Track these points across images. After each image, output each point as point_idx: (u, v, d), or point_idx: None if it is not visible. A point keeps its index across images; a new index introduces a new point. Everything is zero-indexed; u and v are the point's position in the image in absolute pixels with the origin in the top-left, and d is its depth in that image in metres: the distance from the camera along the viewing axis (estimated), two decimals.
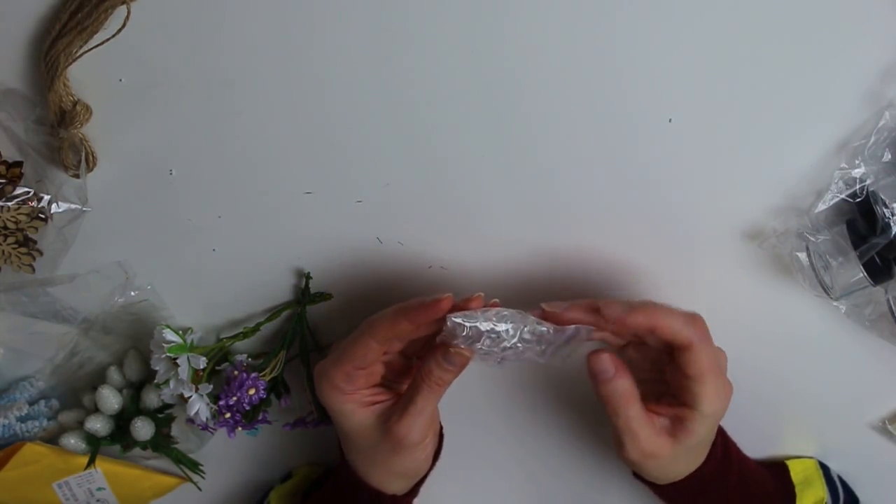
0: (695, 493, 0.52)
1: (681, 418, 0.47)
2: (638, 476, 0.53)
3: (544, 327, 0.44)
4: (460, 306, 0.45)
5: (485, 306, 0.45)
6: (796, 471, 0.58)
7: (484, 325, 0.44)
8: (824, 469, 0.58)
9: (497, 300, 0.46)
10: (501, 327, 0.44)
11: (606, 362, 0.45)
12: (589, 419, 0.61)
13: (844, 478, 0.59)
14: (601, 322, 0.45)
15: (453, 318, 0.44)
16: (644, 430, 0.46)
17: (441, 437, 0.54)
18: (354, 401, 0.49)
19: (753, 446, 0.56)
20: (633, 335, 0.49)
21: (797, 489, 0.56)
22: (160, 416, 0.59)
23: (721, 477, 0.52)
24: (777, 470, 0.58)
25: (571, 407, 0.60)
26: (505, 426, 0.62)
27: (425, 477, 0.54)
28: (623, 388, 0.45)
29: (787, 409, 0.58)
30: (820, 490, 0.57)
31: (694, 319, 0.45)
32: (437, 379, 0.46)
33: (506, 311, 0.44)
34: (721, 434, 0.53)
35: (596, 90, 0.46)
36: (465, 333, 0.44)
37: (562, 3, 0.44)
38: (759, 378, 0.56)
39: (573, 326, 0.45)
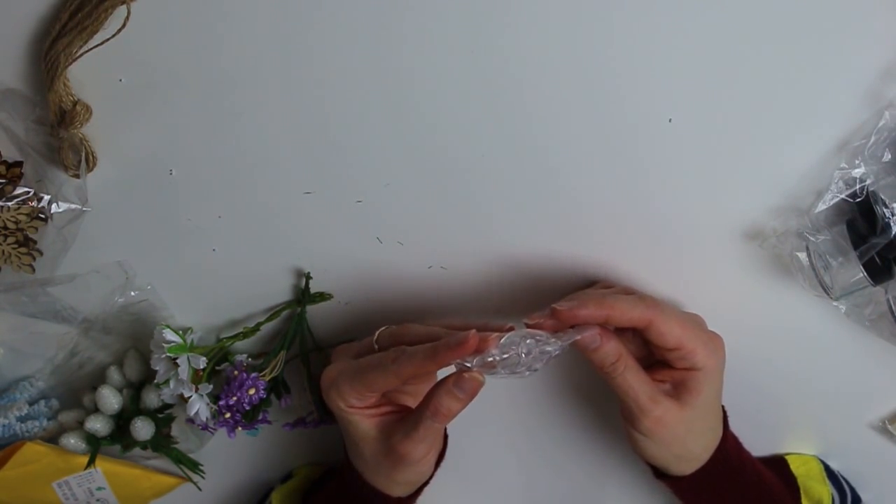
0: (714, 486, 0.52)
1: (681, 380, 0.48)
2: (659, 476, 0.53)
3: (549, 347, 0.45)
4: (481, 344, 0.44)
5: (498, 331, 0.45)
6: (796, 464, 0.58)
7: (498, 357, 0.44)
8: (825, 466, 0.58)
9: (512, 326, 0.46)
10: (513, 355, 0.44)
11: (591, 335, 0.46)
12: (590, 419, 0.61)
13: (846, 477, 0.59)
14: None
15: (467, 365, 0.44)
16: (644, 389, 0.47)
17: (445, 440, 0.54)
18: (361, 413, 0.49)
19: (754, 446, 0.56)
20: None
21: (799, 481, 0.56)
22: (160, 416, 0.59)
23: (737, 471, 0.53)
24: (777, 464, 0.58)
25: (573, 406, 0.60)
26: (506, 425, 0.62)
27: (429, 481, 0.54)
28: (612, 350, 0.46)
29: (787, 408, 0.58)
30: (823, 485, 0.57)
31: (642, 297, 0.47)
32: (445, 410, 0.46)
33: (514, 337, 0.44)
34: (732, 435, 0.53)
35: (596, 90, 0.46)
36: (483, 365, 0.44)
37: (562, 4, 0.44)
38: (758, 378, 0.56)
39: (577, 335, 0.45)
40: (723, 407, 0.53)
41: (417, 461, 0.49)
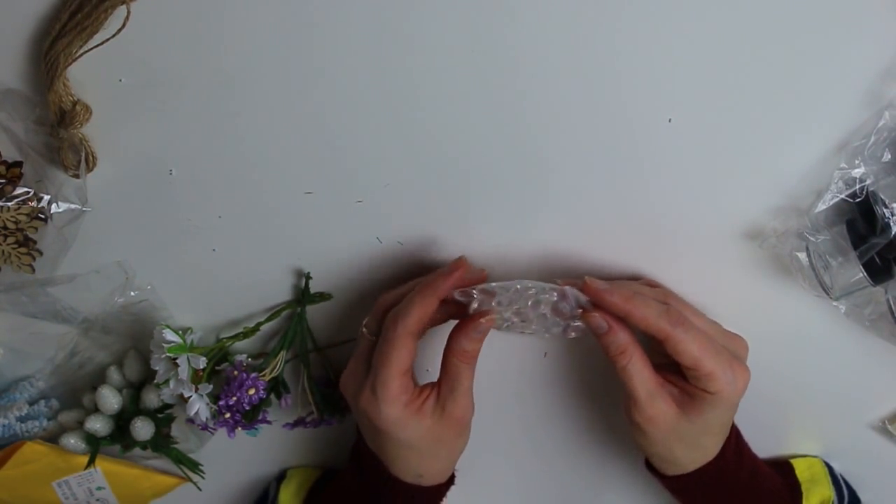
0: (704, 486, 0.52)
1: (690, 394, 0.47)
2: (649, 468, 0.53)
3: (556, 297, 0.46)
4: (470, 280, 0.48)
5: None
6: (801, 469, 0.58)
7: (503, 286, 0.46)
8: (829, 468, 0.58)
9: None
10: (514, 291, 0.46)
11: (598, 318, 0.46)
12: (591, 419, 0.61)
13: (845, 477, 0.59)
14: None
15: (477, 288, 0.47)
16: (644, 385, 0.47)
17: None
18: (412, 409, 0.49)
19: (754, 446, 0.56)
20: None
21: (803, 487, 0.56)
22: (160, 416, 0.59)
23: (732, 474, 0.52)
24: (782, 469, 0.58)
25: (573, 406, 0.61)
26: (506, 425, 0.62)
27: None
28: (620, 340, 0.46)
29: (787, 409, 0.58)
30: (826, 489, 0.57)
31: (668, 311, 0.46)
32: (472, 353, 0.48)
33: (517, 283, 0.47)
34: (735, 432, 0.53)
35: (596, 90, 0.46)
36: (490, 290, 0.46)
37: (562, 4, 0.44)
38: (758, 378, 0.56)
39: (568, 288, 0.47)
40: (734, 425, 0.53)
41: (470, 417, 0.50)
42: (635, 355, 0.47)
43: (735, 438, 0.53)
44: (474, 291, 0.47)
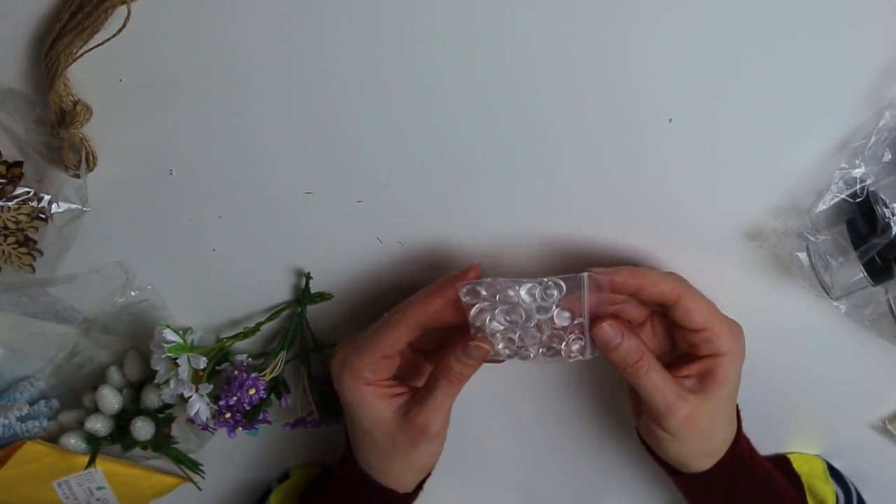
0: (728, 482, 0.52)
1: (706, 370, 0.48)
2: (673, 473, 0.53)
3: (555, 291, 0.45)
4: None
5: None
6: (798, 463, 0.58)
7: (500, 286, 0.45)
8: (830, 467, 0.58)
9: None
10: (518, 289, 0.45)
11: (610, 330, 0.45)
12: (591, 419, 0.61)
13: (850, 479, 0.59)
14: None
15: (468, 285, 0.45)
16: (671, 387, 0.47)
17: None
18: (376, 392, 0.49)
19: (755, 445, 0.56)
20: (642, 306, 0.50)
21: (803, 479, 0.56)
22: (160, 416, 0.59)
23: (749, 467, 0.53)
24: (780, 463, 0.58)
25: (573, 406, 0.60)
26: (505, 425, 0.62)
27: (430, 473, 0.54)
28: (633, 347, 0.46)
29: (787, 408, 0.58)
30: (825, 483, 0.57)
31: (672, 273, 0.47)
32: (456, 374, 0.47)
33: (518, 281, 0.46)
34: (743, 432, 0.53)
35: (596, 91, 0.46)
36: (483, 293, 0.45)
37: (562, 4, 0.44)
38: (758, 378, 0.56)
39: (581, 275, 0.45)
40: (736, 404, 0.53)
41: (436, 434, 0.49)
42: (651, 360, 0.46)
43: (746, 441, 0.53)
44: (481, 288, 0.45)
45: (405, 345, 0.48)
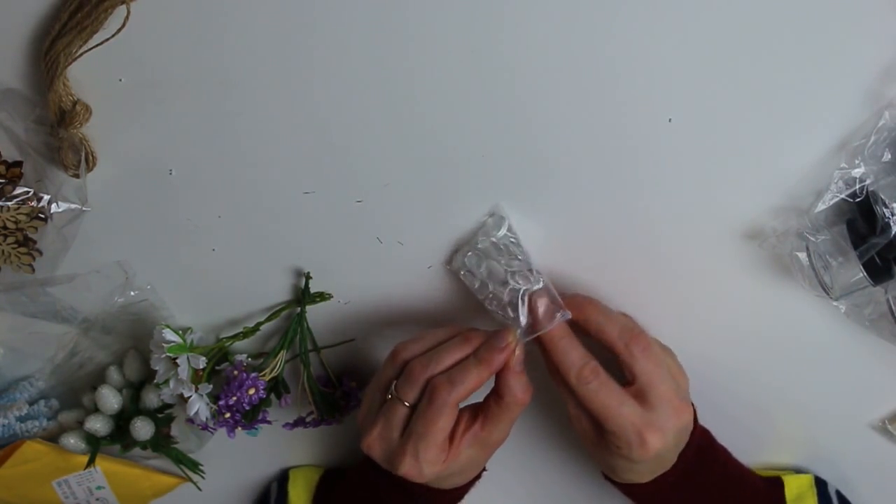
0: (668, 494, 0.52)
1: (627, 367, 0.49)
2: (606, 478, 0.53)
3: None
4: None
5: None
6: (791, 487, 0.57)
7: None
8: (820, 486, 0.57)
9: None
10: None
11: (548, 304, 0.49)
12: None
13: (844, 479, 0.59)
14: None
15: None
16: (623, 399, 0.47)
17: None
18: (453, 457, 0.49)
19: (752, 446, 0.56)
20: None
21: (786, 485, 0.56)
22: (160, 416, 0.59)
23: (700, 479, 0.52)
24: (772, 483, 0.57)
25: None
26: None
27: None
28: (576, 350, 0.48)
29: (787, 408, 0.58)
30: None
31: (636, 337, 0.48)
32: (526, 395, 0.49)
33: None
34: (702, 440, 0.53)
35: (596, 91, 0.46)
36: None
37: (561, 4, 0.44)
38: (757, 378, 0.56)
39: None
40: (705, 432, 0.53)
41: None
42: (603, 376, 0.47)
43: (699, 442, 0.52)
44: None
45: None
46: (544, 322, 0.48)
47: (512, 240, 0.50)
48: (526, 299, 0.49)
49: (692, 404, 0.51)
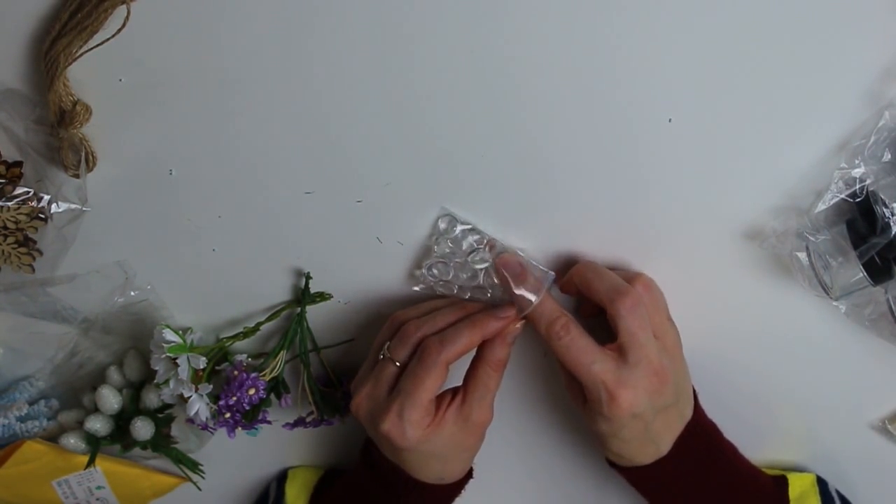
0: (668, 482, 0.52)
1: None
2: (613, 465, 0.53)
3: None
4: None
5: None
6: (794, 485, 0.57)
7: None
8: (822, 485, 0.57)
9: None
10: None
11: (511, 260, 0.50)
12: None
13: (844, 479, 0.59)
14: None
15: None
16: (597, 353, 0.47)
17: None
18: (436, 424, 0.49)
19: (752, 446, 0.56)
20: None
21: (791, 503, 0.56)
22: (160, 416, 0.59)
23: (703, 470, 0.52)
24: (777, 481, 0.57)
25: (572, 406, 0.60)
26: (507, 425, 0.62)
27: None
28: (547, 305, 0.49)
29: (787, 408, 0.58)
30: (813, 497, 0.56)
31: (622, 294, 0.47)
32: (505, 360, 0.50)
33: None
34: (707, 432, 0.53)
35: (596, 91, 0.46)
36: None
37: (561, 3, 0.44)
38: (757, 378, 0.56)
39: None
40: (694, 390, 0.52)
41: (490, 420, 0.51)
42: (574, 332, 0.47)
43: (706, 435, 0.53)
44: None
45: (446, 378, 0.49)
46: (537, 288, 0.49)
47: (467, 228, 0.51)
48: (497, 269, 0.50)
49: (693, 388, 0.51)
